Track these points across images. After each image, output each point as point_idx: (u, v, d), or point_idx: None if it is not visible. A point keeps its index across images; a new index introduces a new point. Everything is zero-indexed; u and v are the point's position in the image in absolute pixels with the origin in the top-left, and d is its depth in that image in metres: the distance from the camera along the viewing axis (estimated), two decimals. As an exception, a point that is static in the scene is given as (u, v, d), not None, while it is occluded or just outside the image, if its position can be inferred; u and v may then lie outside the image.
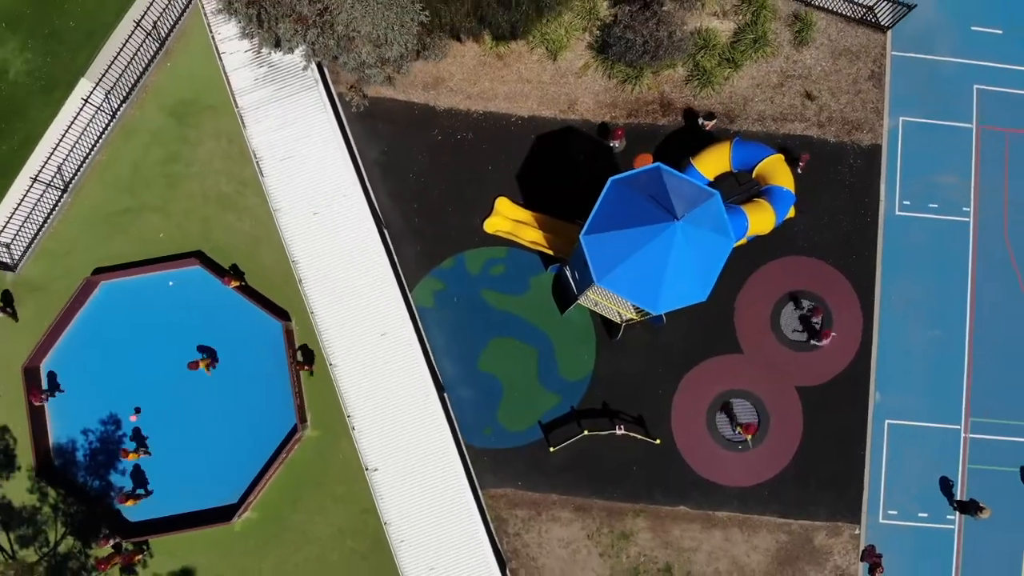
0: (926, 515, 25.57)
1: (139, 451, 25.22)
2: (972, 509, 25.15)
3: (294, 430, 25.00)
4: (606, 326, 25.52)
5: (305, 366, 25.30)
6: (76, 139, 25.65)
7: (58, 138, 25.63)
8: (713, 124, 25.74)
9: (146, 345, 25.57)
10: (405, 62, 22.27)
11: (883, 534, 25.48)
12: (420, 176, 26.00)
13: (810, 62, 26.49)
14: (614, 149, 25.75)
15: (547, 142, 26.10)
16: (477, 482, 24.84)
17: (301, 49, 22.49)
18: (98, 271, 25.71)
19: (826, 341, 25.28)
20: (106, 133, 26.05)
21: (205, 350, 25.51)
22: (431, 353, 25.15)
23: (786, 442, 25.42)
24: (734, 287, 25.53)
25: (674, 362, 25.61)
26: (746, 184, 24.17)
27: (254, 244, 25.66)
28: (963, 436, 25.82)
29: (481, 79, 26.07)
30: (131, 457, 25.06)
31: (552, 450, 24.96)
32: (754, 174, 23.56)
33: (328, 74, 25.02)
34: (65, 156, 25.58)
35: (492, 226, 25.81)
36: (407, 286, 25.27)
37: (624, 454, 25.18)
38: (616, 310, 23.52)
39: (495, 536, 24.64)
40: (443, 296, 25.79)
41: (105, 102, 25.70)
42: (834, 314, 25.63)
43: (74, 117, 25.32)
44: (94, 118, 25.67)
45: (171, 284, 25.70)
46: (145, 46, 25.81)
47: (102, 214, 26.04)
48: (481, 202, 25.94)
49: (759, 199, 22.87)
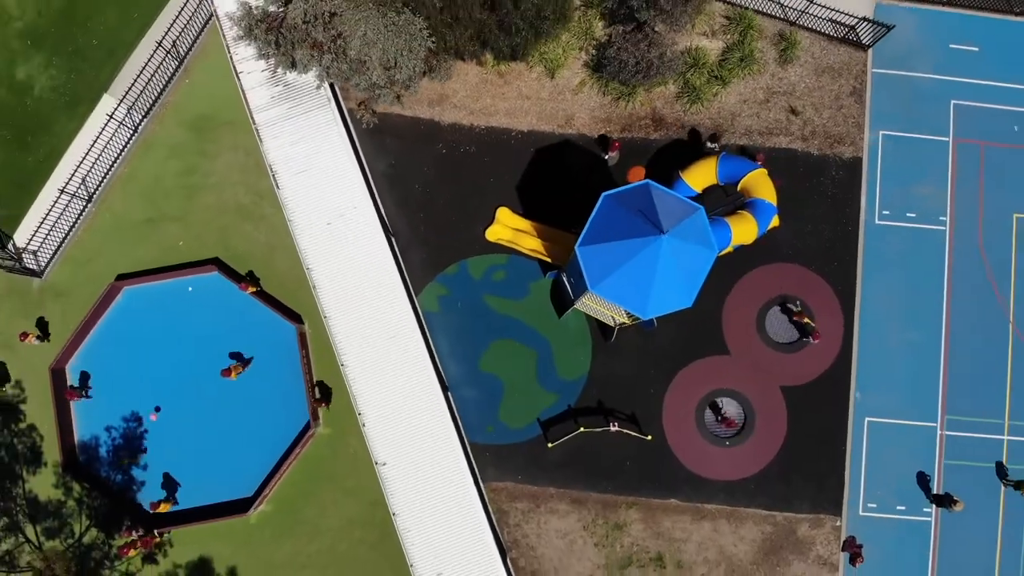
0: (904, 508, 27.49)
1: (169, 501, 26.96)
2: (946, 502, 27.10)
3: (307, 427, 27.07)
4: (601, 329, 27.47)
5: (323, 403, 27.27)
6: (100, 152, 27.70)
7: (82, 151, 27.76)
8: (717, 145, 27.66)
9: (166, 347, 27.54)
10: (413, 83, 24.46)
11: (863, 526, 27.37)
12: (426, 187, 28.04)
13: (794, 79, 28.65)
14: (609, 162, 27.95)
15: (545, 155, 28.12)
16: (479, 476, 26.74)
17: (315, 70, 24.71)
18: (121, 277, 27.67)
19: (817, 341, 27.19)
20: (128, 147, 28.13)
21: (237, 356, 27.46)
22: (436, 355, 27.02)
23: (771, 439, 27.43)
24: (722, 292, 27.52)
25: (665, 363, 27.56)
26: (732, 196, 26.36)
27: (269, 252, 27.74)
28: (939, 433, 27.74)
29: (483, 96, 28.20)
30: (162, 508, 26.65)
31: (550, 446, 26.96)
32: (739, 187, 25.68)
33: (339, 92, 27.04)
34: (89, 168, 27.63)
35: (493, 234, 27.85)
36: (414, 291, 27.17)
37: (618, 450, 27.14)
38: (610, 314, 25.69)
39: (496, 527, 26.57)
40: (447, 301, 27.79)
41: (127, 117, 27.77)
42: (817, 317, 27.71)
43: (99, 132, 27.43)
44: (117, 132, 27.75)
45: (190, 290, 27.72)
46: (165, 64, 27.87)
47: (125, 223, 28.10)
48: (483, 212, 27.93)
49: (743, 211, 25.04)
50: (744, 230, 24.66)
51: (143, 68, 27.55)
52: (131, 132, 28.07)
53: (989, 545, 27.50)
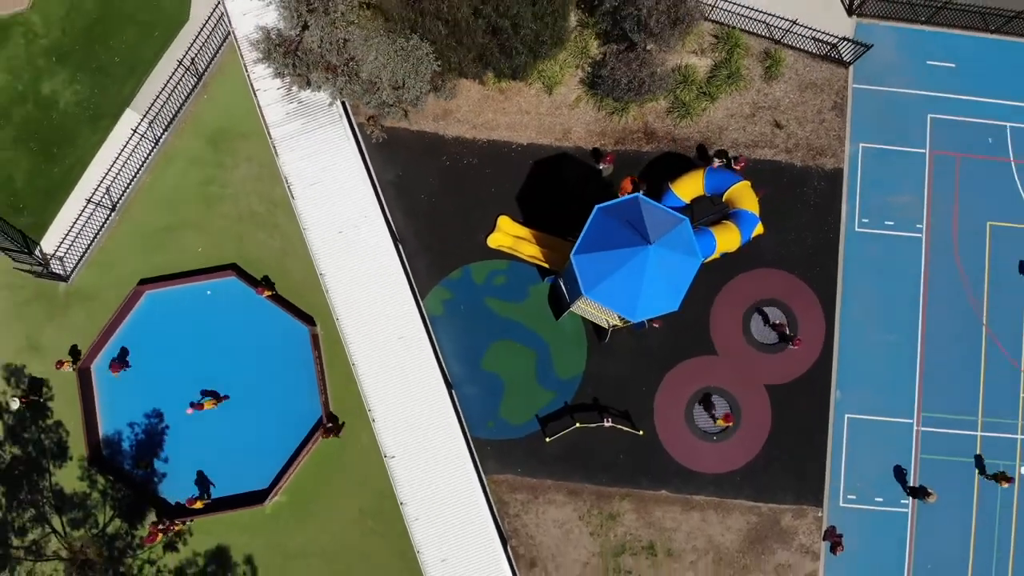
0: (882, 499, 29.81)
1: (202, 498, 29.21)
2: (921, 494, 29.45)
3: (319, 423, 29.57)
4: (596, 331, 29.94)
5: (333, 433, 29.37)
6: (122, 163, 30.12)
7: (106, 162, 30.20)
8: (721, 163, 29.82)
9: (187, 348, 29.95)
10: (420, 101, 26.95)
11: (843, 516, 29.69)
12: (431, 197, 30.42)
13: (779, 94, 31.11)
14: (603, 173, 30.47)
15: (544, 167, 30.55)
16: (481, 469, 29.03)
17: (329, 89, 27.22)
18: (143, 282, 30.06)
19: (797, 347, 29.66)
20: (149, 158, 30.50)
21: (211, 393, 29.68)
22: (441, 354, 29.32)
23: (756, 434, 29.84)
24: (710, 295, 29.92)
25: (656, 363, 29.93)
26: (718, 206, 28.87)
27: (283, 258, 30.16)
28: (915, 429, 30.06)
29: (485, 111, 30.65)
30: (198, 504, 28.90)
31: (548, 441, 29.34)
32: (724, 198, 28.18)
33: (349, 108, 29.40)
34: (113, 179, 30.07)
35: (495, 241, 30.25)
36: (420, 295, 29.45)
37: (612, 445, 29.53)
38: (603, 317, 28.19)
39: (497, 516, 28.86)
40: (451, 304, 30.17)
41: (148, 130, 30.21)
42: (799, 320, 30.09)
43: (123, 145, 29.90)
44: (139, 145, 30.15)
45: (209, 293, 30.14)
46: (184, 80, 30.35)
47: (146, 230, 30.49)
48: (485, 220, 30.31)
49: (727, 221, 27.56)
50: (728, 239, 27.17)
51: (166, 85, 29.97)
52: (152, 145, 30.47)
53: (963, 534, 29.76)
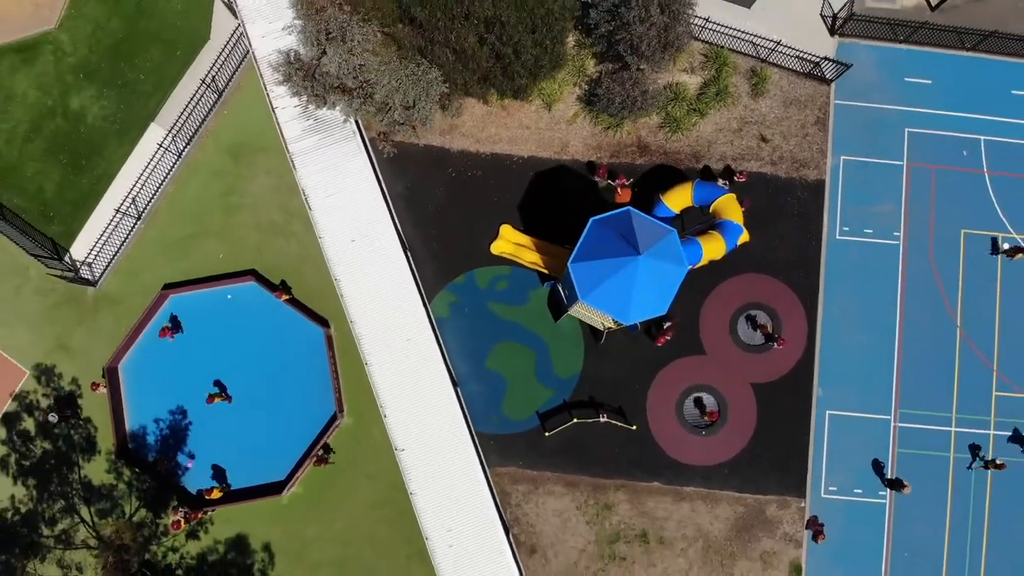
0: (861, 491, 32.37)
1: (221, 488, 31.98)
2: (898, 486, 32.04)
3: (333, 418, 32.30)
4: (592, 333, 32.58)
5: (324, 461, 31.92)
6: (148, 175, 32.85)
7: (132, 173, 32.92)
8: (724, 183, 32.36)
9: (209, 349, 32.63)
10: (429, 119, 29.86)
11: (825, 507, 32.25)
12: (437, 207, 33.08)
13: (765, 110, 33.80)
14: (599, 184, 33.30)
15: (543, 178, 33.20)
16: (485, 461, 31.47)
17: (344, 108, 30.11)
18: (167, 286, 32.71)
19: (781, 347, 32.39)
20: (173, 170, 33.22)
21: (218, 385, 32.46)
22: (447, 354, 31.78)
23: (742, 429, 32.46)
24: (699, 299, 32.55)
25: (648, 362, 32.53)
26: (706, 216, 31.66)
27: (300, 264, 32.89)
28: (893, 425, 32.61)
29: (488, 126, 33.34)
30: (215, 495, 31.75)
31: (547, 435, 31.96)
32: (711, 209, 30.95)
33: (362, 124, 32.09)
34: (139, 189, 32.81)
35: (497, 249, 32.84)
36: (427, 299, 31.97)
37: (607, 439, 32.13)
38: (599, 320, 31.06)
39: (500, 506, 31.38)
40: (457, 307, 32.76)
41: (172, 144, 33.04)
42: (783, 322, 32.77)
43: (149, 158, 32.63)
44: (163, 157, 32.88)
45: (229, 297, 32.82)
46: (206, 96, 33.15)
47: (170, 238, 33.20)
48: (488, 229, 32.91)
49: (713, 231, 30.40)
50: (713, 247, 30.02)
51: (190, 101, 32.74)
52: (176, 157, 33.23)
53: (938, 524, 32.31)
